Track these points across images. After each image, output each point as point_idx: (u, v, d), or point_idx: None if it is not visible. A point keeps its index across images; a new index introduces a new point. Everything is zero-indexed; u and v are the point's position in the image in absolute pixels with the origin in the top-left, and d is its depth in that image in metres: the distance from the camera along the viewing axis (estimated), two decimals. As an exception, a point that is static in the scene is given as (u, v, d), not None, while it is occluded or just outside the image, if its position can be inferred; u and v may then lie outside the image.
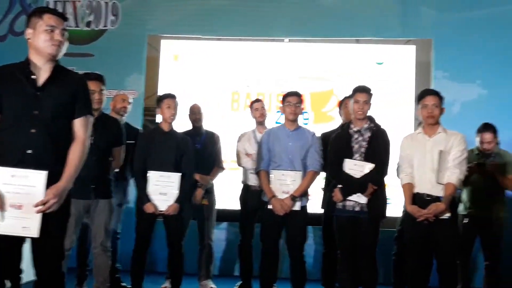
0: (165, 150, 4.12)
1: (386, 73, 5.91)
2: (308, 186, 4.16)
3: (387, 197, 4.30)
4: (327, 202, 4.33)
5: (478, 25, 5.72)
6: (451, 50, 5.69)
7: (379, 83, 5.78)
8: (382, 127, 4.18)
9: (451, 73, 5.66)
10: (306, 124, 5.70)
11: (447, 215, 3.72)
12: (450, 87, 5.51)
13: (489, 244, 4.57)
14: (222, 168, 5.01)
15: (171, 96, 4.23)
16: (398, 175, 4.02)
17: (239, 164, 4.97)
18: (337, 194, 4.04)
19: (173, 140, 4.18)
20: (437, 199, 3.72)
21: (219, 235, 5.69)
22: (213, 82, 6.08)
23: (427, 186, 3.78)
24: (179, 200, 4.11)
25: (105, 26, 6.20)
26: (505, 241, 4.59)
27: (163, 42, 6.19)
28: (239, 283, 4.94)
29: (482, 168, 4.46)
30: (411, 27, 5.89)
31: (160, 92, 5.72)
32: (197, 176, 4.68)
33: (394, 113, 5.76)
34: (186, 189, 4.12)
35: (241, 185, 4.94)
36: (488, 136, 4.58)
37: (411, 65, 5.91)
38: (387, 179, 4.38)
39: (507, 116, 5.22)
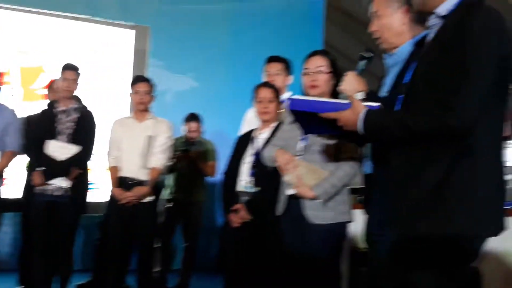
0: None
1: (104, 55, 5.77)
2: (4, 167, 3.78)
3: (91, 182, 4.22)
4: (28, 186, 4.03)
5: (194, 19, 5.99)
6: (168, 40, 5.84)
7: (97, 64, 5.63)
8: (90, 109, 4.08)
9: (166, 63, 5.82)
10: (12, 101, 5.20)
11: (150, 198, 3.81)
12: (164, 76, 5.66)
13: (189, 226, 4.84)
14: None
15: None
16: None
17: None
18: (37, 178, 3.80)
19: None
20: (141, 182, 3.79)
21: None
22: None
23: (133, 169, 3.84)
24: None
25: None
26: (202, 224, 4.94)
27: None
28: None
29: (186, 155, 4.70)
30: (131, 12, 5.86)
31: None
32: None
33: (111, 96, 5.68)
34: None
35: None
36: (193, 125, 4.86)
37: (130, 50, 5.89)
38: (92, 163, 4.28)
39: (213, 108, 5.58)
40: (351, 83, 2.17)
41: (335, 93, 2.59)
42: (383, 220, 2.12)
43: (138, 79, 3.99)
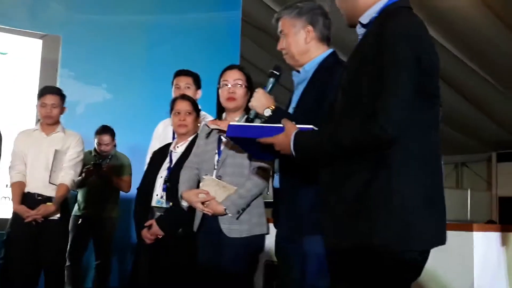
0: None
1: (10, 64, 5.47)
2: None
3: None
4: None
5: (108, 29, 5.83)
6: (80, 50, 5.63)
7: (2, 74, 5.33)
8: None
9: (78, 73, 5.61)
10: None
11: (57, 216, 3.64)
12: (75, 87, 5.44)
13: (101, 243, 4.68)
14: None
15: None
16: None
17: None
18: None
19: None
20: (48, 199, 3.62)
21: None
22: None
23: (39, 185, 3.65)
24: None
25: None
26: (115, 240, 4.78)
27: None
28: None
29: (98, 169, 4.54)
30: (39, 21, 5.61)
31: None
32: None
33: (16, 107, 5.39)
34: None
35: None
36: (106, 138, 4.71)
37: (37, 60, 5.63)
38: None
39: (127, 121, 5.44)
40: (260, 100, 2.21)
41: (249, 108, 2.62)
42: (290, 234, 2.15)
43: (45, 91, 3.77)
